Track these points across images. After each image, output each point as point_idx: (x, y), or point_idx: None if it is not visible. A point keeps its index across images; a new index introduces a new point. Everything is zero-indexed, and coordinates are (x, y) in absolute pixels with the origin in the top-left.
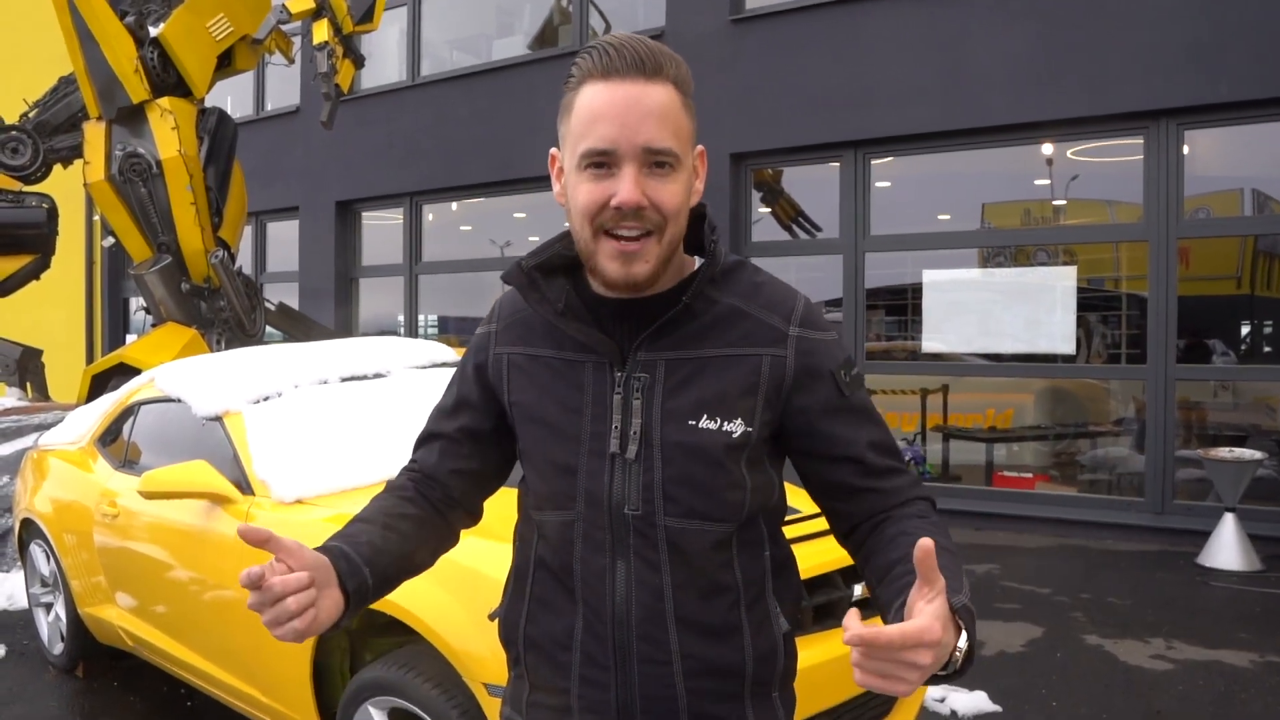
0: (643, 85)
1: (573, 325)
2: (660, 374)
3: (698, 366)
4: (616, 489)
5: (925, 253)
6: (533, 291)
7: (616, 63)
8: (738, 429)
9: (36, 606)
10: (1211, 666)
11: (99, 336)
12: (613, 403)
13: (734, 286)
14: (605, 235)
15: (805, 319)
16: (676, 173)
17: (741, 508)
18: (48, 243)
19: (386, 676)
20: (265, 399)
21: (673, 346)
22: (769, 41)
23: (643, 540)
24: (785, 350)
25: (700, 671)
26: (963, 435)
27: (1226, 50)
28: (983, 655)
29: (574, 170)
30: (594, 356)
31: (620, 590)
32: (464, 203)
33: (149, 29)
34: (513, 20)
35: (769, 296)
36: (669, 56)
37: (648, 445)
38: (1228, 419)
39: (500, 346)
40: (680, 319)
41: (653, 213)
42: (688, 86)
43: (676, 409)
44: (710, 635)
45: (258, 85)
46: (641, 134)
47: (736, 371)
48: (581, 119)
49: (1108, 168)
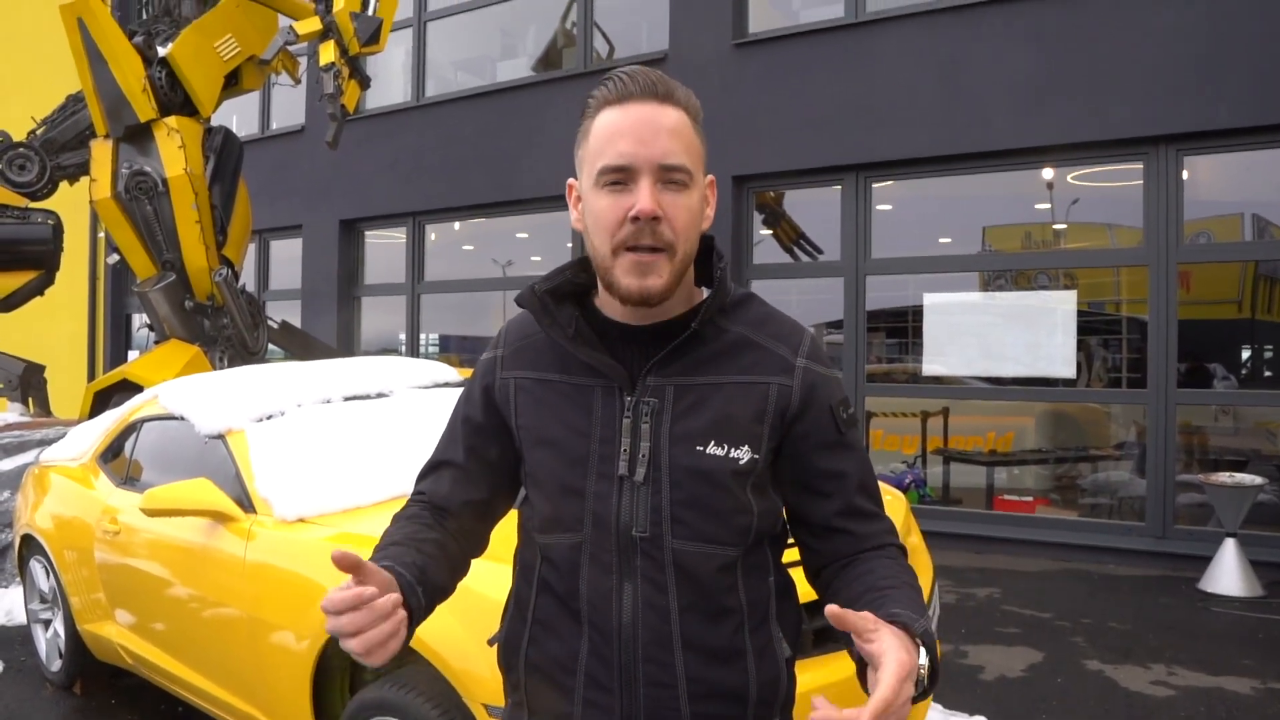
0: (656, 106)
1: (583, 350)
2: (669, 399)
3: (706, 393)
4: (624, 512)
5: (926, 275)
6: (545, 315)
7: (630, 88)
8: (745, 455)
9: (35, 623)
10: (1213, 693)
11: (101, 353)
12: (621, 426)
13: (742, 316)
14: (624, 252)
15: (812, 352)
16: (690, 190)
17: (748, 532)
18: (52, 259)
19: (387, 697)
20: (268, 417)
21: (681, 373)
22: (771, 65)
23: (650, 563)
24: (792, 380)
25: (705, 695)
26: (963, 458)
27: (1226, 76)
28: (983, 679)
29: (592, 189)
30: (603, 381)
31: (627, 612)
32: (466, 222)
33: (157, 49)
34: (517, 42)
35: (777, 328)
36: (680, 86)
37: (656, 469)
38: (1228, 444)
39: (507, 371)
40: (689, 346)
41: (666, 229)
42: (698, 115)
43: (685, 434)
44: (715, 659)
45: (264, 104)
46: (657, 149)
47: (745, 399)
48: (599, 139)
49: (1108, 192)
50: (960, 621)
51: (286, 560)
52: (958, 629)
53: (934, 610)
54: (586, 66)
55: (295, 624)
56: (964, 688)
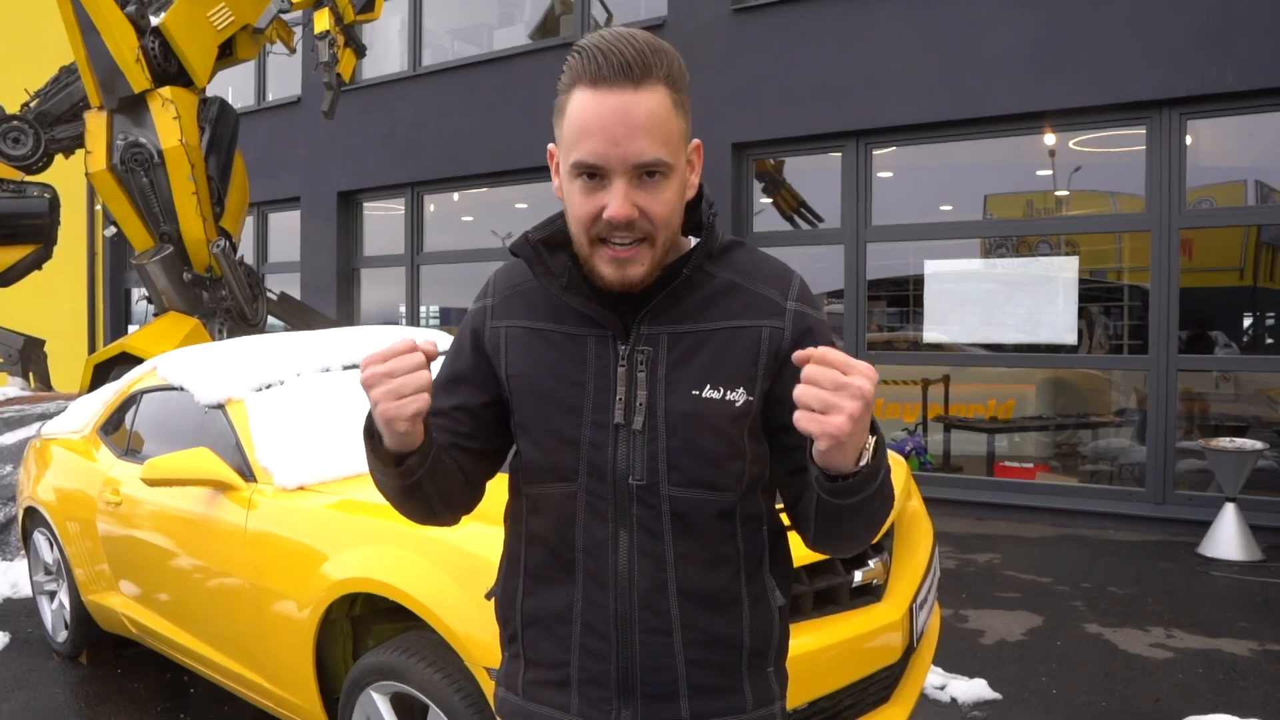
0: (631, 94)
1: (576, 299)
2: (663, 346)
3: (700, 339)
4: (620, 460)
5: (927, 243)
6: (539, 264)
7: (604, 70)
8: (740, 398)
9: (40, 594)
10: (1211, 655)
11: (101, 326)
12: (616, 375)
13: (731, 262)
14: (600, 243)
15: (801, 295)
16: (668, 179)
17: (742, 477)
18: (50, 233)
19: (388, 661)
20: (267, 387)
21: (674, 320)
22: (771, 31)
23: (646, 510)
24: (783, 322)
25: (700, 642)
26: (964, 426)
27: (1232, 38)
28: (983, 643)
29: (567, 175)
30: (596, 330)
31: (623, 560)
32: (465, 193)
33: (150, 18)
34: (514, 10)
35: (767, 272)
36: (660, 53)
37: (652, 416)
38: (1229, 410)
39: (497, 320)
40: (680, 293)
41: (644, 222)
42: (680, 82)
43: (680, 379)
44: (711, 606)
45: (259, 76)
46: (631, 150)
47: (738, 342)
48: (572, 129)
49: (1110, 158)
50: (961, 586)
51: (287, 528)
52: (958, 594)
53: (934, 575)
54: (584, 34)
55: (297, 591)
56: (964, 651)
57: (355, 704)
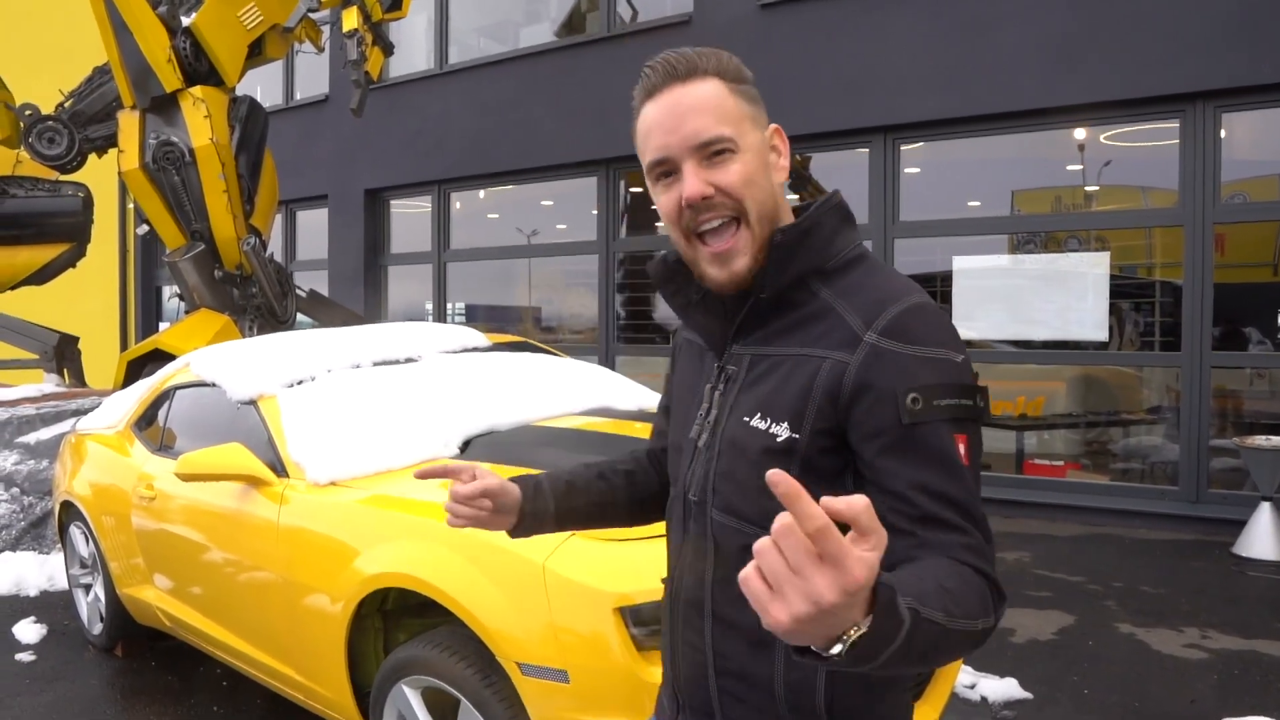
0: (680, 88)
1: (694, 317)
2: (745, 368)
3: (774, 364)
4: (688, 473)
5: (955, 239)
6: (669, 283)
7: (654, 79)
8: (783, 433)
9: (76, 587)
10: (1247, 656)
11: (133, 323)
12: (703, 391)
13: (841, 280)
14: (698, 240)
15: (892, 327)
16: (737, 155)
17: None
18: (83, 231)
19: (420, 656)
20: (299, 383)
21: (760, 342)
22: (797, 27)
23: (698, 527)
24: (851, 357)
25: (732, 673)
26: (993, 423)
27: (1269, 28)
28: (1014, 642)
29: (651, 185)
30: (707, 346)
31: (680, 570)
32: (491, 190)
33: (181, 19)
34: (540, 7)
35: (866, 295)
36: (707, 54)
37: (713, 436)
38: (1264, 407)
39: (680, 330)
40: (771, 313)
41: (723, 198)
42: (734, 73)
43: (741, 403)
44: (742, 638)
45: (287, 75)
46: (687, 131)
47: (799, 373)
48: (641, 138)
49: (1141, 152)
50: None
51: (320, 523)
52: None
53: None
54: (610, 31)
55: (329, 586)
56: (995, 650)
57: (387, 698)
